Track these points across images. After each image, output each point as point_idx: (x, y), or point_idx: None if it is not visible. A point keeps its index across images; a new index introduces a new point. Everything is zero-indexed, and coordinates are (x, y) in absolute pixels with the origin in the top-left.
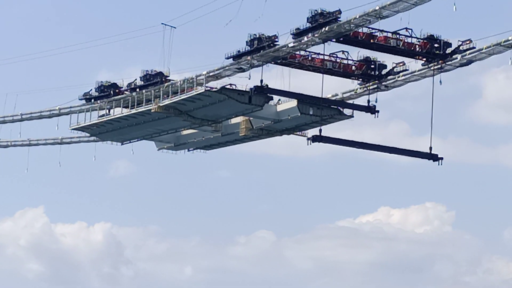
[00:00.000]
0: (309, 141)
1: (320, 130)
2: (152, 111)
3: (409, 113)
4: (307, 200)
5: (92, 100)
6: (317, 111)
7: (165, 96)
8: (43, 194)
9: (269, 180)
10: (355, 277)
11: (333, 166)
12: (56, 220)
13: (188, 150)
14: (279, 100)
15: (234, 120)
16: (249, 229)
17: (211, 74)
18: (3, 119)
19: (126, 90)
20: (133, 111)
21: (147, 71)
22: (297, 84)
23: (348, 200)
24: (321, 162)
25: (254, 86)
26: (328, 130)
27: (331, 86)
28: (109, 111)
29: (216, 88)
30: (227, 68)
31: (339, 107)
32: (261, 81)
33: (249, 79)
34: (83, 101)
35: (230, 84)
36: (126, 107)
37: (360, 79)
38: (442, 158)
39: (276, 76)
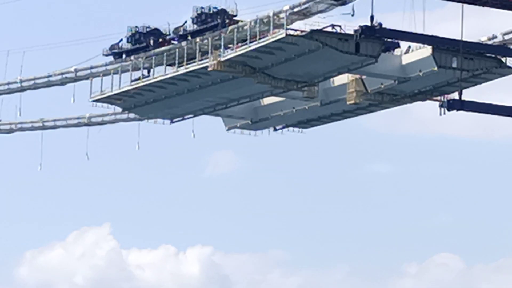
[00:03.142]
0: (442, 108)
1: (461, 93)
2: (209, 69)
3: None
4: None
5: (123, 56)
6: (465, 63)
7: (230, 46)
8: (107, 207)
9: (445, 175)
10: None
11: None
12: (128, 244)
13: (275, 130)
14: (409, 47)
15: (338, 81)
16: (422, 252)
17: (295, 10)
18: None
19: (173, 39)
20: (183, 70)
21: (202, 8)
22: (430, 24)
23: None
24: None
25: (362, 26)
26: None
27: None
28: (148, 72)
29: (304, 31)
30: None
31: (498, 55)
32: (372, 17)
33: (352, 15)
34: (110, 58)
35: (333, 25)
36: (172, 64)
37: None
38: None
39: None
